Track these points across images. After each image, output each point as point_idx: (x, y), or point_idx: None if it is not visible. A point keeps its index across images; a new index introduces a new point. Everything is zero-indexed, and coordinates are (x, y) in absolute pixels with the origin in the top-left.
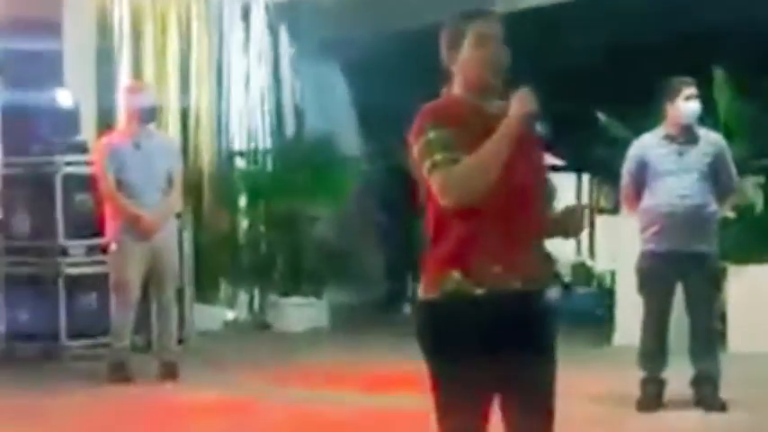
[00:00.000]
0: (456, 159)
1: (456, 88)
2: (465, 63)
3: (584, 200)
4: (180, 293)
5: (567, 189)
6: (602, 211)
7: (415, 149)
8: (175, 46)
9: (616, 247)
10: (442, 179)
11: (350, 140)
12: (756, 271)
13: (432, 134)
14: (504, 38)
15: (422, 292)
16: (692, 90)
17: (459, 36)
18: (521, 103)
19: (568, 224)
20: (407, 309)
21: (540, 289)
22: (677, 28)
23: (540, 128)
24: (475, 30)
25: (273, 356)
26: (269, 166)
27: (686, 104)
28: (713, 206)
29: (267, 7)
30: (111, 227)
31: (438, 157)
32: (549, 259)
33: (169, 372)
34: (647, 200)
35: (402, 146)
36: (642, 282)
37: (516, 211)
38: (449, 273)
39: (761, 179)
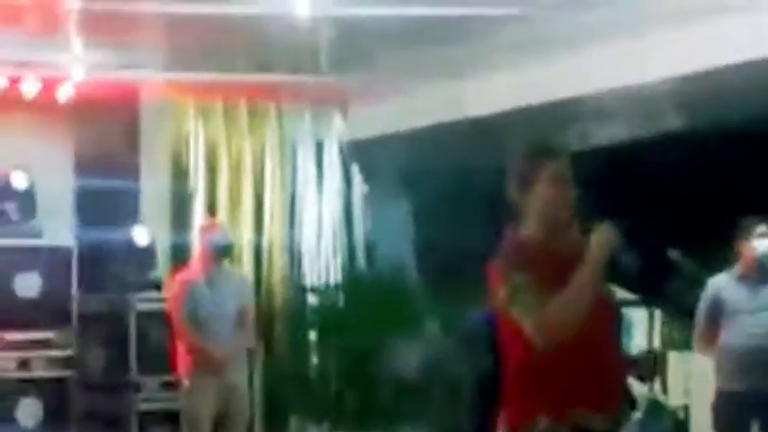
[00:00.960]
0: (546, 299)
1: (528, 226)
2: (539, 201)
3: (656, 337)
4: (251, 430)
5: (639, 324)
6: (674, 346)
7: (503, 291)
8: (249, 183)
9: (689, 383)
10: (536, 321)
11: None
12: None
13: (519, 277)
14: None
15: None
16: (764, 228)
17: (533, 173)
18: (603, 237)
19: (643, 368)
20: None
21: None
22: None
23: (627, 259)
24: (550, 168)
25: None
26: (340, 302)
27: (760, 243)
28: None
29: (341, 144)
30: (183, 363)
31: (529, 298)
32: (628, 397)
33: None
34: (723, 339)
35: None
36: (716, 421)
37: (595, 351)
38: (535, 419)
39: None
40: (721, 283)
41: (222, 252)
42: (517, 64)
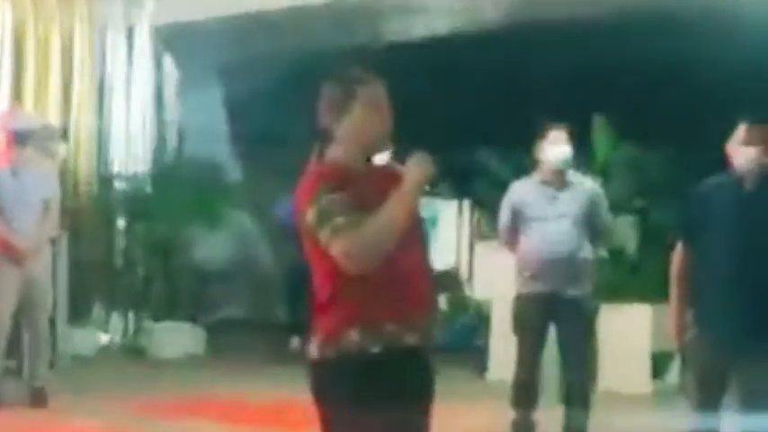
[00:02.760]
0: (358, 222)
1: (340, 150)
2: (356, 127)
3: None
4: (53, 318)
5: (448, 215)
6: (482, 237)
7: (310, 214)
8: (57, 69)
9: (494, 275)
10: (346, 245)
11: (230, 167)
12: (628, 310)
13: (329, 198)
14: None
15: (316, 351)
16: (558, 134)
17: (347, 100)
18: (419, 167)
19: (447, 286)
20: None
21: (428, 344)
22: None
23: (441, 188)
24: (366, 94)
25: (146, 383)
26: (147, 190)
27: (552, 149)
28: (587, 251)
29: (152, 30)
30: None
31: (340, 220)
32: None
33: (39, 398)
34: (523, 244)
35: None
36: (516, 324)
37: (408, 266)
38: (346, 332)
39: (634, 220)
40: (522, 188)
41: (23, 138)
42: None
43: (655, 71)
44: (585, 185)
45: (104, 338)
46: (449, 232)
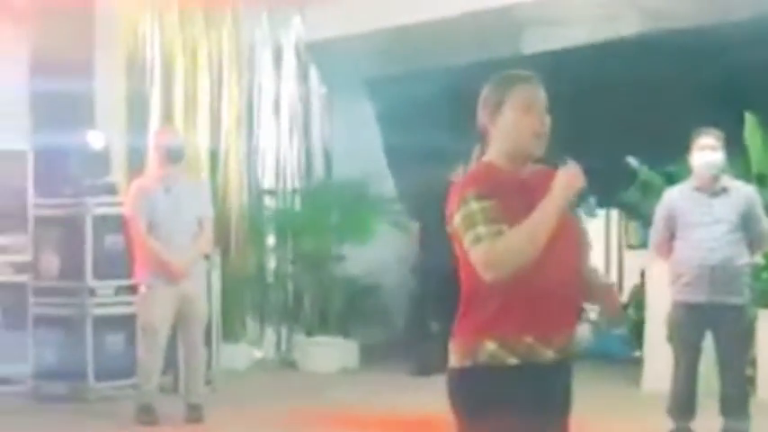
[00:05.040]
0: (500, 232)
1: (494, 152)
2: (508, 128)
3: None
4: (208, 334)
5: (596, 225)
6: (630, 246)
7: (457, 218)
8: (206, 88)
9: (647, 284)
10: (486, 253)
11: (380, 182)
12: None
13: (474, 205)
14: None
15: (454, 359)
16: (709, 140)
17: (502, 99)
18: (568, 178)
19: (604, 302)
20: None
21: (568, 357)
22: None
23: (587, 205)
24: (519, 95)
25: (299, 397)
26: (297, 206)
27: (703, 155)
28: (744, 257)
29: (298, 47)
30: (140, 270)
31: (482, 229)
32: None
33: (195, 414)
34: (678, 251)
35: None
36: (672, 332)
37: (550, 280)
38: (483, 342)
39: None
40: (676, 195)
41: (176, 156)
42: None
43: None
44: (741, 190)
45: (258, 353)
46: (597, 242)
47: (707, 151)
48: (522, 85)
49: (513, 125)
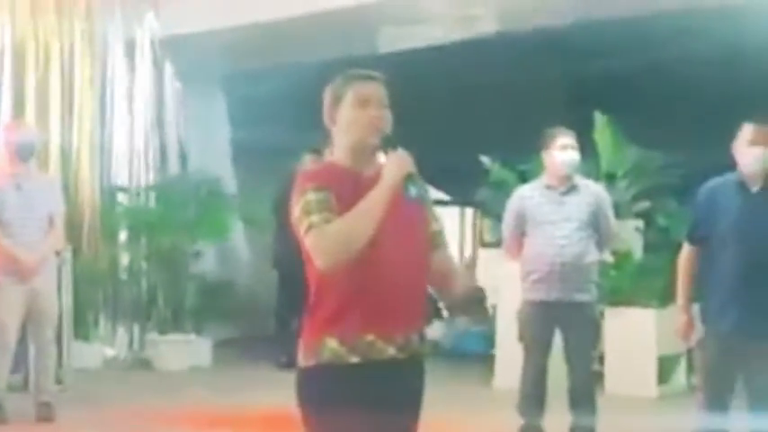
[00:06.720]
0: (330, 220)
1: (337, 149)
2: (346, 123)
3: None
4: (59, 332)
5: (450, 223)
6: (484, 244)
7: (296, 211)
8: (58, 82)
9: (498, 282)
10: (315, 239)
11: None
12: (633, 314)
13: (311, 196)
14: (388, 101)
15: (301, 358)
16: (566, 139)
17: (340, 96)
18: (396, 165)
19: (471, 311)
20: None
21: (414, 355)
22: (563, 73)
23: (415, 189)
24: (356, 90)
25: (151, 395)
26: (151, 203)
27: (561, 154)
28: (593, 255)
29: (152, 42)
30: None
31: (314, 218)
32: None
33: (46, 413)
34: (528, 248)
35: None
36: (522, 330)
37: (392, 276)
38: (325, 341)
39: (639, 223)
40: (527, 192)
41: (27, 153)
42: None
43: (655, 72)
44: (591, 189)
45: (110, 352)
46: (451, 239)
47: (568, 150)
48: (359, 81)
49: (351, 120)
